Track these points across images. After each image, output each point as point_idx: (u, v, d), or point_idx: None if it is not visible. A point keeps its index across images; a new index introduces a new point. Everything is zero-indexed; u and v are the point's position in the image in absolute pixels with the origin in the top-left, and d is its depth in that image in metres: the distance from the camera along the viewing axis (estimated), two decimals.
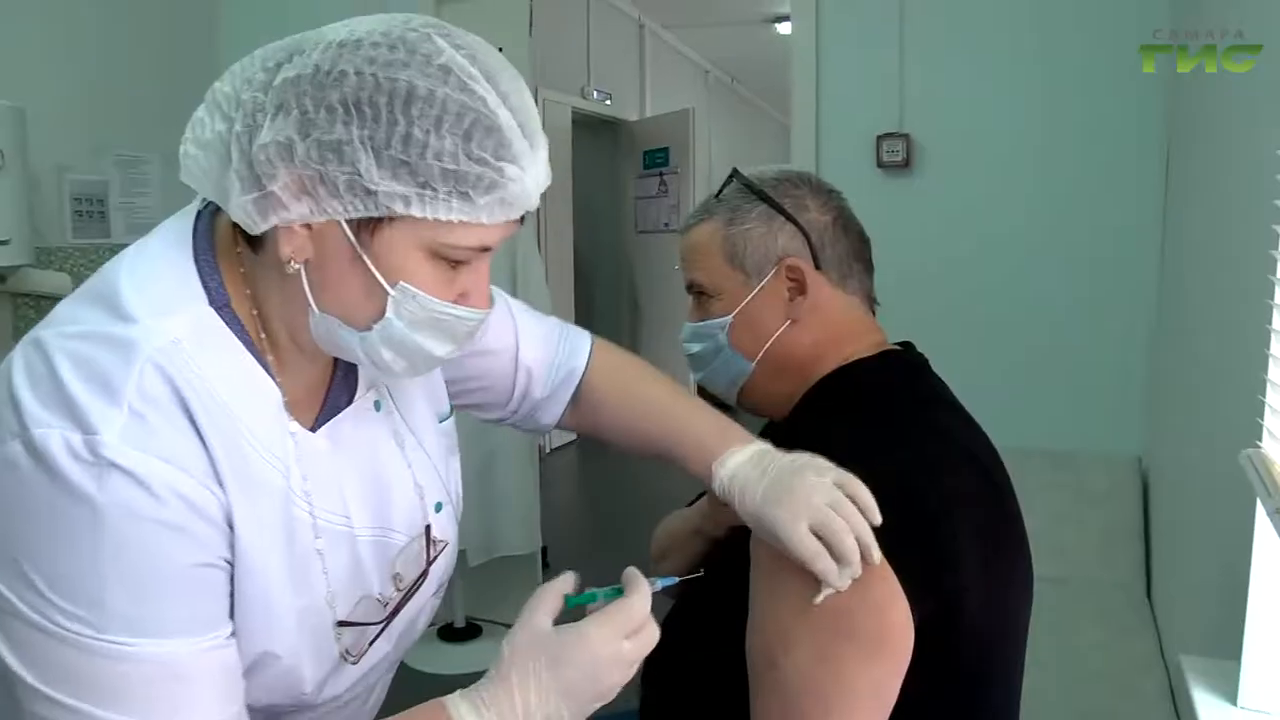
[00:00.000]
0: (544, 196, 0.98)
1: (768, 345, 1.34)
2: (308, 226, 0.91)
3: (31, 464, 0.83)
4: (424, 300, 0.94)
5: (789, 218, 1.32)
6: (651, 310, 8.05)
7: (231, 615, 0.94)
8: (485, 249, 0.97)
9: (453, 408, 1.28)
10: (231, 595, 0.94)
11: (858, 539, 1.03)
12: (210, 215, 1.01)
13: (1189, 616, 2.35)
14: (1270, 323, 1.51)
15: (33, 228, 3.23)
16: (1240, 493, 1.61)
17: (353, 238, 0.91)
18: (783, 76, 3.86)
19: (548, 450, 7.33)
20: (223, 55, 4.10)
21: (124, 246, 1.00)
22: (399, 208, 0.89)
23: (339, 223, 0.91)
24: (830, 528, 1.03)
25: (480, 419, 1.39)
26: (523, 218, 0.97)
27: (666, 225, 7.78)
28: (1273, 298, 1.51)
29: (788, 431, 1.28)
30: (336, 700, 1.09)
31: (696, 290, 1.39)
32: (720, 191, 1.38)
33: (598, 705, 0.96)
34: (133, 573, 0.85)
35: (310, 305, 0.95)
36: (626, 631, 0.97)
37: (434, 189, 0.89)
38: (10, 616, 0.85)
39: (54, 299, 3.43)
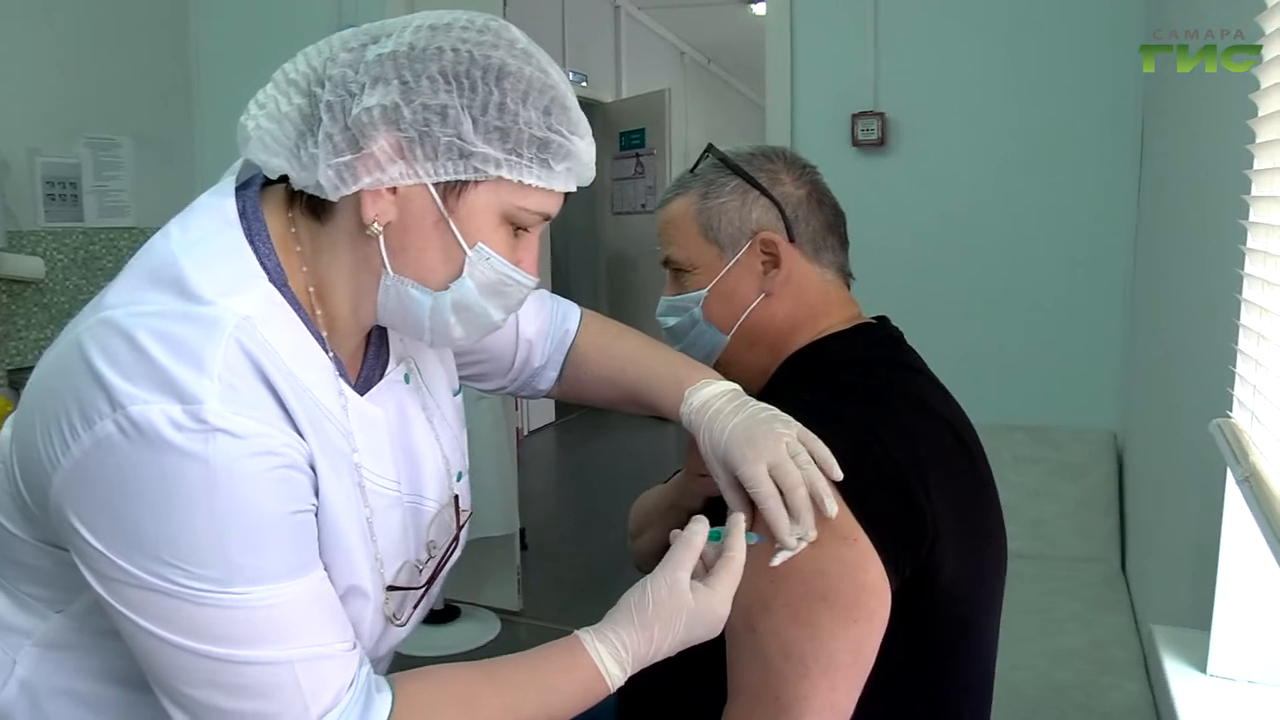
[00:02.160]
0: None
1: (742, 318, 1.35)
2: (393, 191, 0.97)
3: (129, 440, 0.85)
4: (496, 262, 1.02)
5: (763, 191, 1.33)
6: (628, 291, 8.05)
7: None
8: (547, 217, 1.05)
9: (461, 383, 1.33)
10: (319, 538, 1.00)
11: (812, 493, 1.07)
12: (255, 195, 1.04)
13: (1163, 588, 2.38)
14: (1240, 293, 1.53)
15: (4, 211, 3.21)
16: (1212, 464, 1.62)
17: (439, 200, 0.98)
18: (758, 57, 3.85)
19: (525, 432, 7.34)
20: (194, 36, 4.07)
21: (98, 230, 1.02)
22: (490, 170, 0.97)
23: (426, 186, 0.97)
24: (787, 479, 1.08)
25: (479, 389, 1.44)
26: (566, 195, 1.05)
27: (643, 206, 7.77)
28: (1243, 267, 1.52)
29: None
30: (379, 663, 1.15)
31: (673, 265, 1.39)
32: (695, 166, 1.39)
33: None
34: (245, 526, 0.89)
35: (386, 268, 1.00)
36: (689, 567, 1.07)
37: (520, 154, 0.98)
38: (132, 588, 0.88)
39: (28, 283, 3.42)
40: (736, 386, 1.23)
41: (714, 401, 1.19)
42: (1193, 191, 2.24)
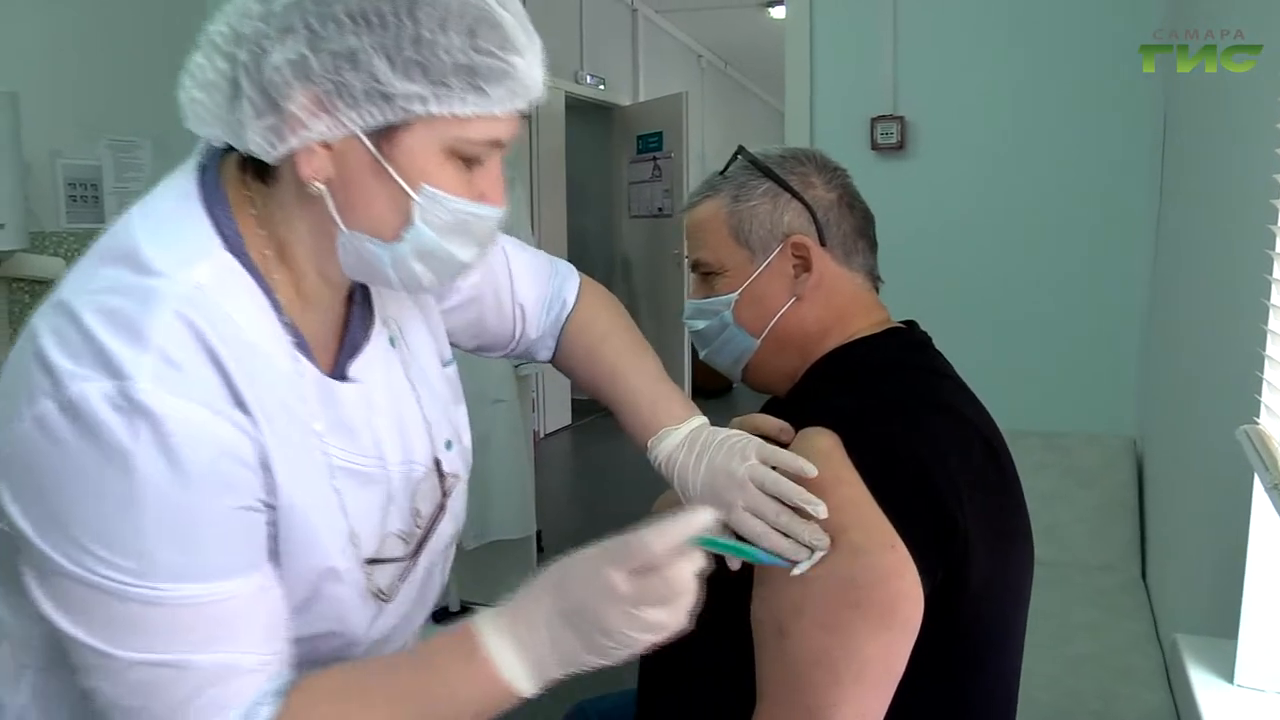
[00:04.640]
0: (536, 180, 1.01)
1: (772, 322, 1.34)
2: (326, 146, 0.93)
3: (64, 420, 0.84)
4: (446, 201, 0.96)
5: (795, 194, 1.32)
6: (644, 294, 8.05)
7: (275, 555, 0.96)
8: (498, 144, 0.99)
9: (454, 354, 1.31)
10: (276, 536, 0.96)
11: (795, 508, 1.08)
12: (215, 165, 1.02)
13: (1184, 596, 2.36)
14: (1268, 298, 1.52)
15: (27, 212, 3.23)
16: (1237, 470, 1.61)
17: (373, 148, 0.93)
18: (776, 61, 3.85)
19: (542, 434, 7.34)
20: None
21: None
22: (417, 108, 0.91)
23: (358, 136, 0.92)
24: (763, 512, 1.10)
25: (486, 356, 1.45)
26: (529, 119, 0.99)
27: (660, 210, 7.77)
28: (1271, 273, 1.51)
29: (790, 408, 1.29)
30: (388, 641, 1.13)
31: (702, 268, 1.39)
32: (726, 168, 1.38)
33: (606, 644, 0.92)
34: (171, 519, 0.86)
35: (338, 225, 0.97)
36: (624, 565, 0.91)
37: (448, 85, 0.91)
38: (54, 575, 0.86)
39: (49, 284, 3.42)
40: (695, 425, 1.24)
41: (676, 455, 1.22)
42: (1217, 195, 2.23)
